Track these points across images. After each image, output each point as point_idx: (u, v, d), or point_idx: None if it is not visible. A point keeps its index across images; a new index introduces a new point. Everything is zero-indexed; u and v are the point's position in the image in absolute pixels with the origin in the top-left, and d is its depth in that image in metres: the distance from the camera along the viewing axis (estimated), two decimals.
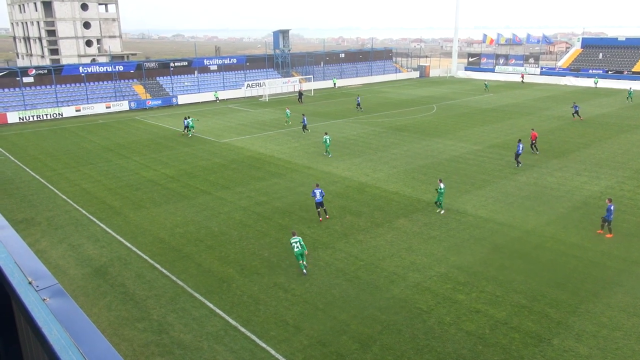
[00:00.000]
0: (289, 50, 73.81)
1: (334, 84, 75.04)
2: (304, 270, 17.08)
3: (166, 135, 41.55)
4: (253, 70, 70.54)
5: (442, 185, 22.27)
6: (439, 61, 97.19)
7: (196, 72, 63.91)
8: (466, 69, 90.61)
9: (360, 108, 52.21)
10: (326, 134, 34.60)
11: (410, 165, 30.97)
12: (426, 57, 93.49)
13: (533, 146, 32.71)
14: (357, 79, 79.78)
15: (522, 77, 79.58)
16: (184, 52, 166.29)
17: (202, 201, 24.87)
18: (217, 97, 61.58)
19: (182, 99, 59.47)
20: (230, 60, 67.58)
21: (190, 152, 35.25)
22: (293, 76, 73.38)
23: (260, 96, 64.35)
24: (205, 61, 65.59)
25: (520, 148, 29.84)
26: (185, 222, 22.20)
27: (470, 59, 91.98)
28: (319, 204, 21.79)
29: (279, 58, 71.89)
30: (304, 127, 40.34)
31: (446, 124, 44.32)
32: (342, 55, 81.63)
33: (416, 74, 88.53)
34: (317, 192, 21.90)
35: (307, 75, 74.18)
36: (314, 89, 67.77)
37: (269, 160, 32.69)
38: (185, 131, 41.07)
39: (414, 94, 65.86)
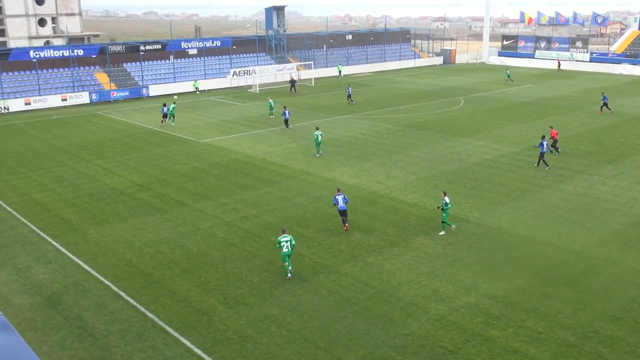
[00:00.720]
0: (285, 30, 74.34)
1: (339, 71, 75.44)
2: (289, 275, 18.65)
3: (135, 133, 41.69)
4: (241, 55, 70.96)
5: (446, 200, 22.06)
6: (466, 45, 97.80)
7: (171, 57, 64.34)
8: (500, 54, 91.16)
9: (352, 100, 52.92)
10: (317, 129, 34.81)
11: (432, 171, 31.03)
12: (451, 39, 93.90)
13: (553, 147, 33.74)
14: (368, 65, 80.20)
15: (559, 64, 79.82)
16: (157, 34, 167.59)
17: (178, 214, 24.86)
18: (196, 88, 61.87)
19: (155, 90, 59.83)
20: (213, 42, 68.06)
21: (164, 155, 35.35)
22: (289, 62, 73.76)
23: (250, 86, 64.67)
24: (182, 44, 66.11)
25: (545, 146, 31.00)
26: (157, 240, 22.17)
27: (504, 42, 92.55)
28: (343, 212, 22.60)
29: (273, 40, 72.37)
30: (286, 122, 41.14)
31: (476, 121, 44.43)
32: (349, 37, 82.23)
33: (439, 60, 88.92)
34: (340, 198, 22.61)
35: (307, 61, 74.63)
36: (314, 78, 68.07)
37: (260, 164, 32.79)
38: (165, 121, 42.32)
39: (437, 84, 66.07)
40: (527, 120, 44.27)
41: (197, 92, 61.61)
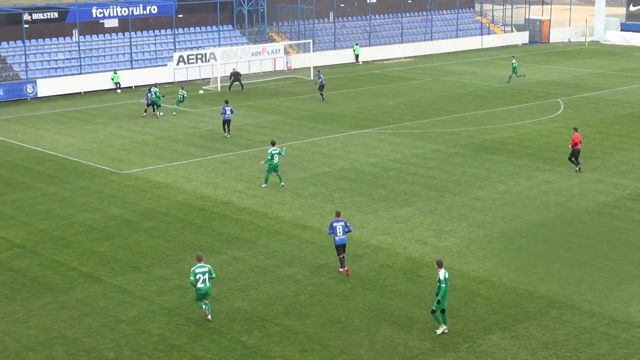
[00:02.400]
0: None
1: (356, 56, 76.26)
2: (209, 316, 22.58)
3: (13, 160, 41.89)
4: (191, 30, 71.89)
5: (441, 275, 21.72)
6: (568, 12, 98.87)
7: (75, 32, 65.11)
8: (624, 27, 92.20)
9: (322, 95, 55.58)
10: (273, 144, 35.72)
11: (513, 223, 30.96)
12: (542, 3, 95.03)
13: (572, 158, 37.97)
14: (403, 46, 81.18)
15: None
16: None
17: (84, 297, 24.72)
18: (117, 84, 62.43)
19: (46, 87, 60.31)
20: (145, 8, 68.76)
21: (62, 196, 35.38)
22: (273, 40, 74.47)
23: (206, 81, 65.21)
24: (94, 11, 66.77)
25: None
26: (47, 340, 21.98)
27: (631, 9, 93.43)
28: (342, 248, 25.62)
29: (245, 4, 73.37)
30: (225, 124, 45.99)
31: (585, 139, 44.49)
32: None
33: (522, 38, 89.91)
34: (339, 226, 25.46)
35: (301, 39, 75.44)
36: (314, 67, 68.70)
37: (223, 211, 32.81)
38: (152, 111, 49.28)
39: (519, 77, 66.59)
40: None
41: (118, 91, 62.16)
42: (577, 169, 37.76)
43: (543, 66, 72.61)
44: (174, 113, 52.36)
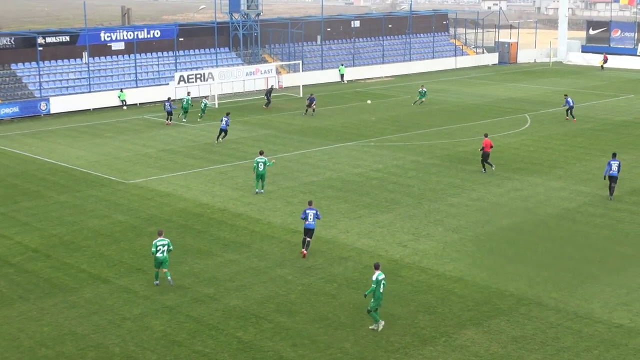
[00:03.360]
0: (259, 15, 75.82)
1: (341, 75, 76.56)
2: (169, 281, 25.18)
3: (28, 171, 41.86)
4: (191, 52, 72.02)
5: (374, 276, 21.64)
6: (533, 35, 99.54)
7: (85, 54, 65.21)
8: (584, 49, 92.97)
9: (313, 110, 56.51)
10: (261, 153, 35.95)
11: (485, 227, 31.15)
12: (511, 27, 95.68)
13: (483, 160, 39.71)
14: (385, 67, 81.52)
15: (605, 59, 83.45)
16: (63, 20, 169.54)
17: (92, 296, 24.74)
18: (123, 101, 62.45)
19: (59, 104, 60.25)
20: (149, 32, 69.25)
21: (72, 203, 35.38)
22: (265, 61, 74.65)
23: (204, 98, 65.18)
24: (102, 35, 67.10)
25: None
26: (59, 336, 21.97)
27: (591, 32, 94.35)
28: (309, 232, 27.86)
29: (240, 29, 73.68)
30: (221, 133, 47.59)
31: (550, 150, 44.93)
32: (356, 23, 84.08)
33: (493, 58, 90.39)
34: (311, 213, 27.80)
35: (291, 60, 75.71)
36: (303, 85, 68.93)
37: (220, 217, 32.90)
38: (172, 118, 54.05)
39: (490, 94, 67.03)
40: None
41: (124, 108, 62.14)
42: (486, 169, 39.61)
43: (511, 84, 72.95)
44: (199, 120, 55.27)
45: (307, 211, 27.80)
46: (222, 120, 47.48)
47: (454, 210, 33.49)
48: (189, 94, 57.61)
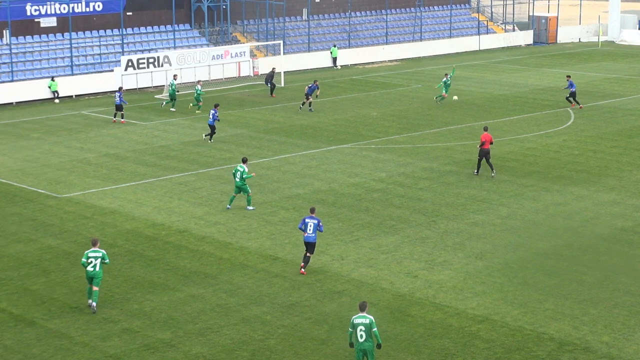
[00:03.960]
0: None
1: (333, 59, 76.60)
2: (93, 304, 26.05)
3: None
4: (142, 30, 71.86)
5: (353, 318, 21.43)
6: (577, 9, 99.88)
7: (6, 32, 64.97)
8: None
9: (310, 106, 56.51)
10: (244, 162, 36.02)
11: (518, 252, 31.07)
12: None
13: (483, 161, 40.60)
14: (388, 48, 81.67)
15: None
16: None
17: (14, 343, 24.43)
18: (55, 92, 62.16)
19: None
20: (87, 5, 68.82)
21: None
22: (237, 42, 74.47)
23: (159, 88, 65.10)
24: (29, 8, 66.66)
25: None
26: None
27: None
28: (309, 246, 29.01)
29: (204, 1, 73.54)
30: (211, 132, 48.42)
31: (600, 154, 45.06)
32: None
33: (526, 38, 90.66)
34: (311, 223, 29.00)
35: (270, 40, 75.57)
36: (285, 72, 68.89)
37: (178, 240, 32.74)
38: (120, 118, 53.58)
39: (523, 83, 67.31)
40: None
41: (56, 101, 61.91)
42: (478, 171, 40.60)
43: (550, 70, 73.23)
44: (198, 112, 56.00)
45: (307, 220, 28.98)
46: (209, 115, 48.34)
47: (477, 230, 33.40)
48: (175, 77, 58.58)
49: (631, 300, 26.80)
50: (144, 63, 64.58)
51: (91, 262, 25.76)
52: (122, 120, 53.99)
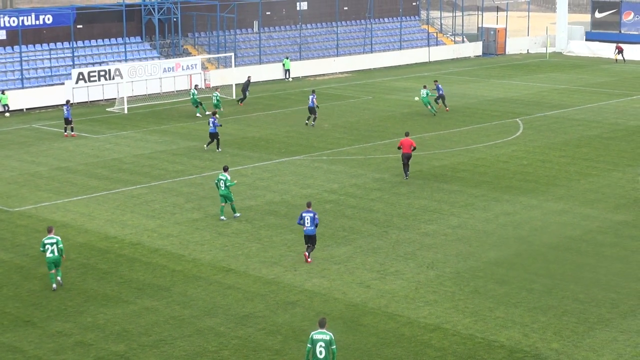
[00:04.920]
0: None
1: (285, 71, 76.73)
2: (54, 286, 28.38)
3: None
4: (92, 43, 71.25)
5: (312, 334, 20.79)
6: (525, 20, 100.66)
7: None
8: (589, 36, 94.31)
9: (312, 122, 55.66)
10: (225, 170, 36.18)
11: (468, 262, 31.26)
12: (497, 10, 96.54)
13: (406, 165, 42.25)
14: (339, 60, 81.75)
15: (619, 50, 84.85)
16: None
17: None
18: (5, 105, 61.52)
19: None
20: (37, 18, 68.14)
21: None
22: (189, 54, 74.27)
23: (111, 101, 64.77)
24: None
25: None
26: None
27: (597, 15, 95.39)
28: (309, 238, 31.00)
29: (155, 13, 73.21)
30: (212, 140, 49.14)
31: (548, 164, 45.46)
32: (304, 5, 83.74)
33: (474, 49, 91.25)
34: (307, 217, 30.70)
35: (221, 52, 75.45)
36: (235, 84, 68.68)
37: (132, 254, 32.59)
38: (71, 131, 53.55)
39: (472, 94, 67.79)
40: None
41: (7, 115, 61.22)
42: (407, 175, 42.23)
43: (499, 81, 73.79)
44: (198, 114, 58.99)
45: (304, 214, 30.84)
46: (209, 123, 48.91)
47: (429, 240, 33.56)
48: (196, 87, 62.18)
49: (580, 308, 27.04)
50: (95, 76, 64.12)
51: (47, 248, 28.09)
52: (73, 133, 53.38)
